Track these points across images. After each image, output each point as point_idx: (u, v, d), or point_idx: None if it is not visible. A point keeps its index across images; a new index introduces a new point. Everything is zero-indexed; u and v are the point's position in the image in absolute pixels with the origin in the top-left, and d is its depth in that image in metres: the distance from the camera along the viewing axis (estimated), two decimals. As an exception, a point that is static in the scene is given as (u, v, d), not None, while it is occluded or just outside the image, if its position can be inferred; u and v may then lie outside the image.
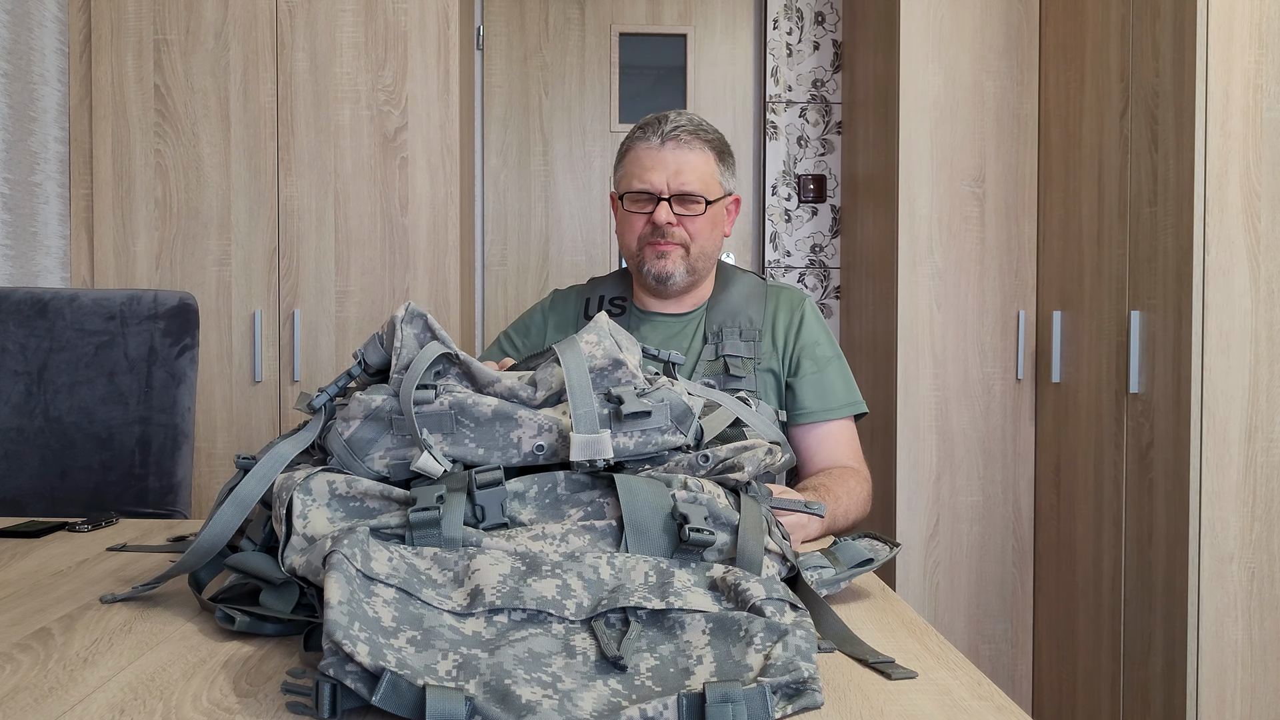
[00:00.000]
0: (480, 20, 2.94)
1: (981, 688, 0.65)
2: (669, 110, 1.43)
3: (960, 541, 2.33)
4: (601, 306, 1.50)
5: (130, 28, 2.36)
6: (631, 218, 1.42)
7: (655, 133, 1.39)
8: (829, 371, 1.43)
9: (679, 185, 1.38)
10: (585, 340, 0.85)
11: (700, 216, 1.40)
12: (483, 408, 0.81)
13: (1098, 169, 2.05)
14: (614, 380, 0.84)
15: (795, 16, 2.93)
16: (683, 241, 1.40)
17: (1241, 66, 1.70)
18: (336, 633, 0.58)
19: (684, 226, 1.40)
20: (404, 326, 0.86)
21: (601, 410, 0.81)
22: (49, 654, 0.71)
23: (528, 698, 0.56)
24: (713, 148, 1.41)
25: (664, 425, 0.83)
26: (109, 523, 1.20)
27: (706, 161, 1.40)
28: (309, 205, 2.39)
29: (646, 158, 1.39)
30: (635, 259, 1.44)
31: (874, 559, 0.87)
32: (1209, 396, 1.70)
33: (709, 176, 1.40)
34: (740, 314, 1.44)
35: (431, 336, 0.86)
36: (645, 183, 1.39)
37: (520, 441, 0.81)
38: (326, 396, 0.86)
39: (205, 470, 2.36)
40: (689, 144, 1.39)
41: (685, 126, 1.39)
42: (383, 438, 0.82)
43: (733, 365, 1.39)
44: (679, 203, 1.39)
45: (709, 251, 1.43)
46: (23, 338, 1.55)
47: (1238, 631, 1.70)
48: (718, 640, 0.65)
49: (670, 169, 1.38)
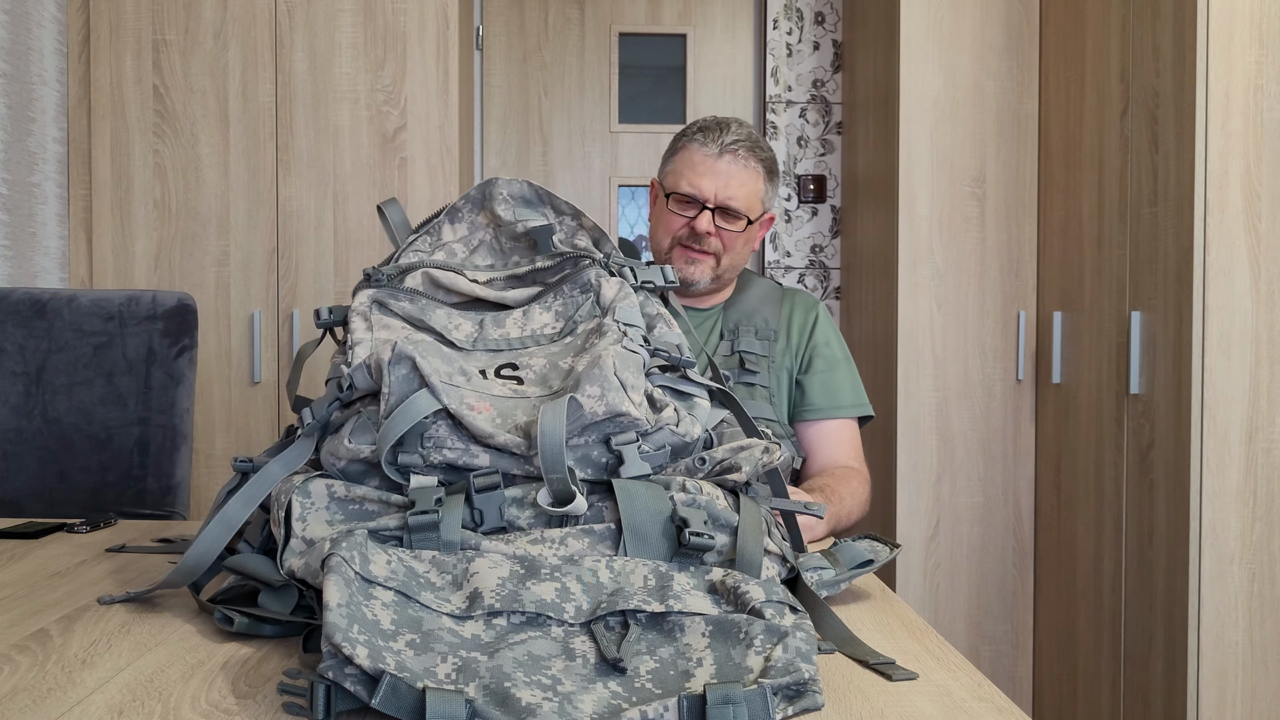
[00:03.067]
0: (479, 20, 2.94)
1: (982, 689, 0.65)
2: (731, 119, 1.44)
3: (960, 543, 2.33)
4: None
5: (129, 28, 2.36)
6: (671, 216, 1.43)
7: (715, 140, 1.40)
8: (838, 372, 1.47)
9: (726, 198, 1.39)
10: (586, 395, 0.78)
11: (739, 234, 1.42)
12: (477, 464, 0.79)
13: (1098, 169, 2.05)
14: (616, 425, 0.79)
15: (795, 16, 2.93)
16: (716, 251, 1.42)
17: (1242, 67, 1.70)
18: (335, 635, 0.58)
19: (720, 238, 1.41)
20: (391, 369, 0.79)
21: (599, 460, 0.80)
22: (47, 655, 0.71)
23: (528, 700, 0.56)
24: (765, 168, 1.43)
25: (663, 463, 0.82)
26: (107, 524, 1.20)
27: (756, 180, 1.42)
28: (308, 205, 2.39)
29: (701, 163, 1.40)
30: (664, 255, 1.45)
31: (874, 560, 0.87)
32: (1209, 397, 1.70)
33: (755, 195, 1.42)
34: (756, 314, 1.47)
35: (420, 383, 0.79)
36: (694, 187, 1.40)
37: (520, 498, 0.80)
38: (317, 424, 0.83)
39: (204, 471, 2.36)
40: (745, 160, 1.40)
41: (745, 142, 1.40)
42: (371, 477, 0.81)
43: (749, 361, 1.41)
44: (721, 215, 1.40)
45: (738, 264, 1.47)
46: (21, 338, 1.55)
47: (1238, 633, 1.70)
48: (718, 643, 0.65)
49: (721, 180, 1.39)
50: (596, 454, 0.79)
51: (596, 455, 0.79)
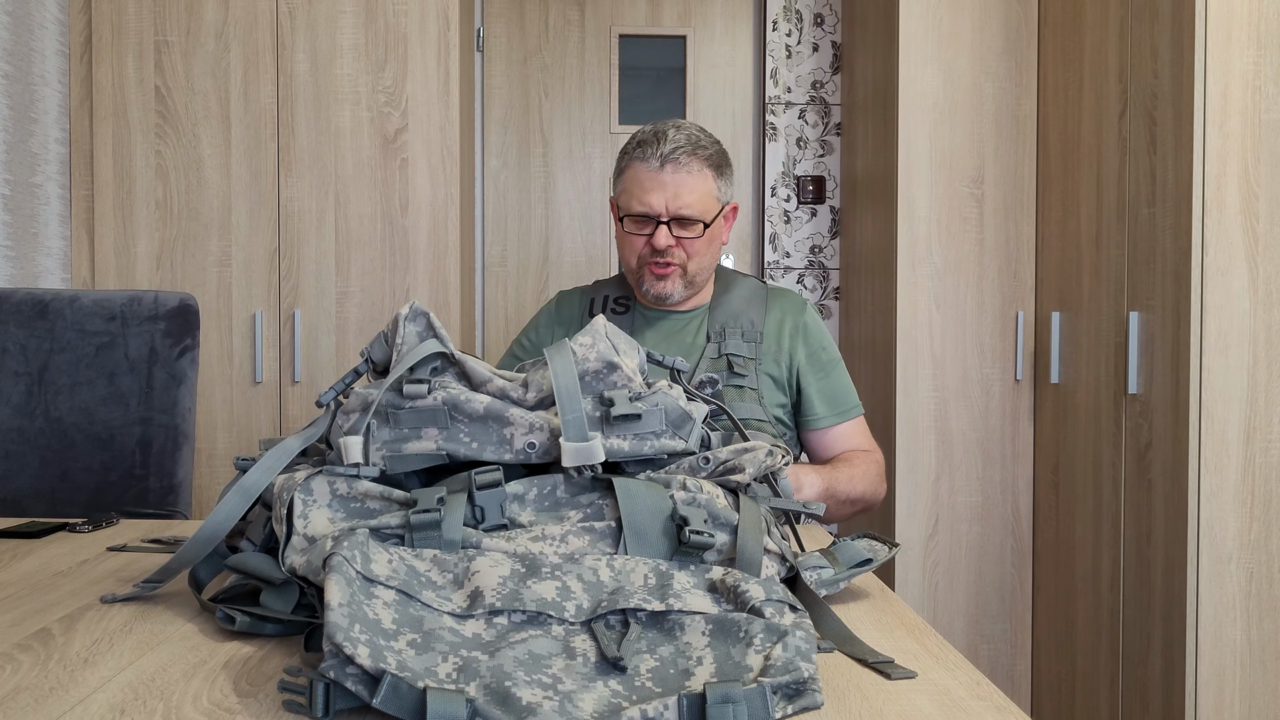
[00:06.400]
0: (480, 22, 2.95)
1: (980, 688, 0.65)
2: (667, 124, 1.41)
3: (959, 542, 2.34)
4: (606, 306, 1.52)
5: (131, 29, 2.36)
6: (630, 238, 1.43)
7: (655, 153, 1.38)
8: (834, 376, 1.48)
9: (678, 209, 1.39)
10: (579, 343, 0.85)
11: (698, 239, 1.41)
12: (475, 405, 0.81)
13: (1096, 170, 2.05)
14: (609, 383, 0.84)
15: (794, 18, 2.93)
16: (681, 262, 1.42)
17: (1240, 68, 1.70)
18: (337, 634, 0.58)
19: (683, 247, 1.41)
20: (407, 324, 0.87)
21: (593, 413, 0.82)
22: (49, 654, 0.71)
23: (528, 699, 0.56)
24: (710, 164, 1.41)
25: (659, 429, 0.83)
26: (109, 523, 1.20)
27: (705, 181, 1.40)
28: (309, 206, 2.39)
29: (646, 179, 1.39)
30: (634, 275, 1.46)
31: (873, 559, 0.87)
32: (1207, 397, 1.70)
33: (707, 196, 1.41)
34: (742, 315, 1.47)
35: (432, 335, 0.87)
36: (645, 205, 1.39)
37: (513, 439, 0.81)
38: (333, 394, 0.87)
39: (205, 471, 2.36)
40: (687, 165, 1.38)
41: (683, 147, 1.38)
42: (380, 431, 0.82)
43: (735, 364, 1.41)
44: (678, 225, 1.40)
45: (707, 265, 1.46)
46: (23, 338, 1.55)
47: (1236, 632, 1.70)
48: (717, 641, 0.65)
49: (670, 191, 1.38)
50: (590, 407, 0.82)
51: (590, 409, 0.82)
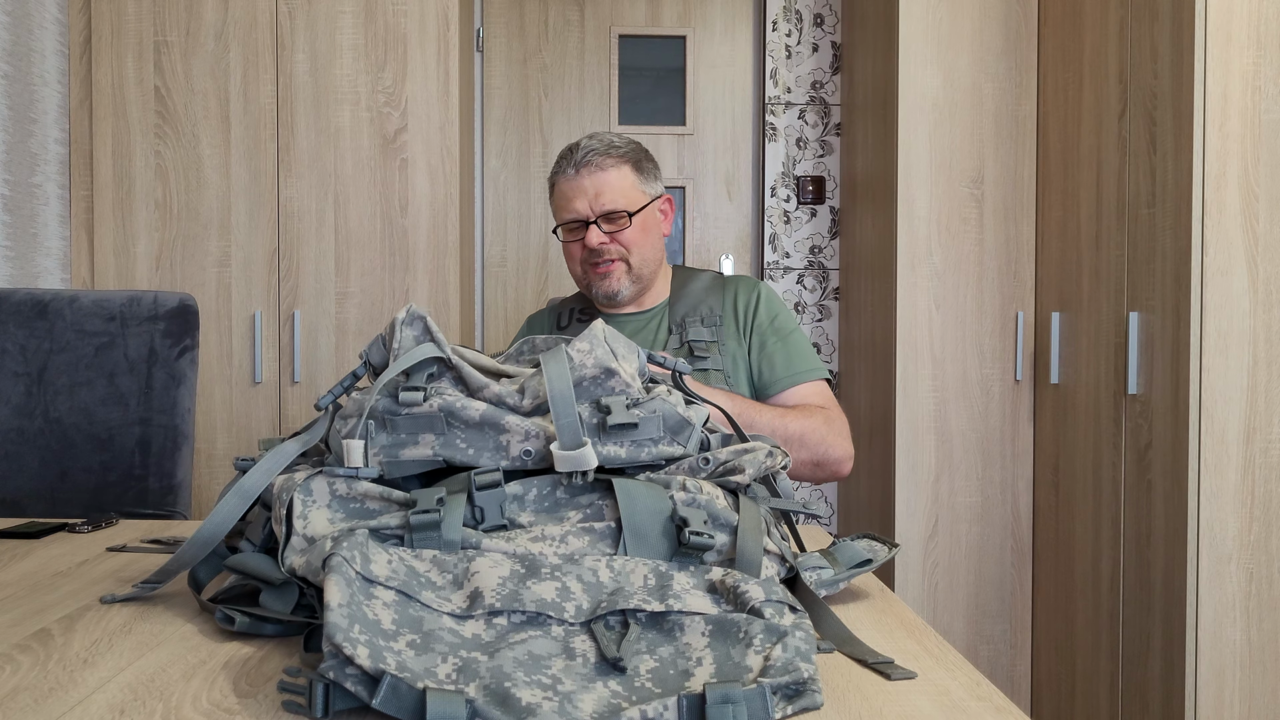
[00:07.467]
0: (480, 22, 2.95)
1: (980, 688, 0.65)
2: (581, 139, 1.51)
3: (959, 542, 2.34)
4: (572, 319, 1.60)
5: (130, 29, 2.36)
6: (570, 247, 1.52)
7: (570, 163, 1.49)
8: (791, 342, 1.52)
9: (600, 206, 1.47)
10: (577, 349, 0.84)
11: (629, 229, 1.48)
12: (471, 411, 0.81)
13: (1096, 170, 2.05)
14: (606, 389, 0.83)
15: (794, 18, 2.93)
16: (621, 256, 1.50)
17: (1240, 68, 1.70)
18: (336, 635, 0.58)
19: (617, 241, 1.49)
20: (403, 328, 0.86)
21: (590, 420, 0.81)
22: (49, 655, 0.71)
23: (528, 700, 0.56)
24: (627, 160, 1.50)
25: (656, 436, 0.83)
26: (109, 523, 1.20)
27: (623, 176, 1.49)
28: (309, 206, 2.39)
29: (568, 189, 1.49)
30: (584, 283, 1.54)
31: (873, 560, 0.87)
32: (1207, 397, 1.70)
33: (629, 189, 1.49)
34: (701, 305, 1.54)
35: (429, 339, 0.86)
36: (571, 211, 1.49)
37: (509, 445, 0.81)
38: (331, 397, 0.87)
39: (205, 471, 2.36)
40: (600, 165, 1.48)
41: (596, 150, 1.48)
42: (377, 436, 0.82)
43: (697, 349, 1.48)
44: (606, 221, 1.48)
45: (650, 257, 1.52)
46: (23, 339, 1.55)
47: (1236, 632, 1.70)
48: (717, 642, 0.65)
49: (590, 193, 1.47)
50: (587, 414, 0.81)
51: (587, 415, 0.81)
